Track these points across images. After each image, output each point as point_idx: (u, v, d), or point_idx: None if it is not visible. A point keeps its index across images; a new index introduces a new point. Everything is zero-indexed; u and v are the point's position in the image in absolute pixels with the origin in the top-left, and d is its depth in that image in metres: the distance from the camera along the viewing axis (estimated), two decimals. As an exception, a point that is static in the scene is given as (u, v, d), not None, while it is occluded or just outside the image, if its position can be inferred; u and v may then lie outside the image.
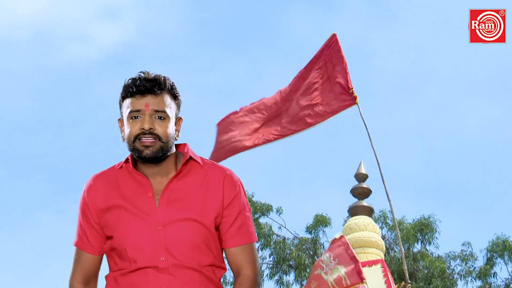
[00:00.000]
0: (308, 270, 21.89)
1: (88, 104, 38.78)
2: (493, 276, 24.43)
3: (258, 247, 24.94)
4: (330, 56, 11.24)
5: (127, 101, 3.28)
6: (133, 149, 3.24)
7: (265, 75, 36.92)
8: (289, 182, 37.14)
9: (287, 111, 11.34)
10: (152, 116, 3.22)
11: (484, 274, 24.25)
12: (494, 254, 24.43)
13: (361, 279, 11.60)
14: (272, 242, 25.19)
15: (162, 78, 3.28)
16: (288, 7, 38.36)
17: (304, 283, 21.41)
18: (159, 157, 3.22)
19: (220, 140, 11.57)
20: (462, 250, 24.93)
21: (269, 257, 25.28)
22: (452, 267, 24.64)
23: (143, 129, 3.20)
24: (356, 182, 14.71)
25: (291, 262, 24.61)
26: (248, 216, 3.38)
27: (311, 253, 24.13)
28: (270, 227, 25.18)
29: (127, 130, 3.26)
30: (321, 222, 25.23)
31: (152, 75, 3.27)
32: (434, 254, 24.51)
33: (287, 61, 39.25)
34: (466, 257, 24.73)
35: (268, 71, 36.80)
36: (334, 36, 11.33)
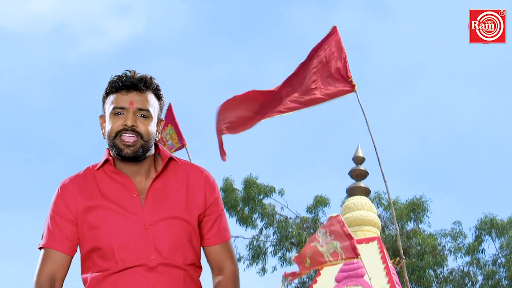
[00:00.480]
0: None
1: (100, 93, 38.64)
2: (481, 252, 24.45)
3: (262, 226, 25.06)
4: (330, 46, 11.26)
5: (111, 97, 3.10)
6: (113, 145, 3.06)
7: (268, 67, 36.86)
8: (291, 165, 37.09)
9: (292, 91, 11.35)
10: (136, 114, 3.05)
11: (473, 250, 24.26)
12: (482, 232, 24.42)
13: (356, 255, 11.65)
14: (275, 222, 25.03)
15: (149, 77, 3.13)
16: (289, 3, 38.28)
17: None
18: (138, 156, 3.05)
19: (227, 116, 11.48)
20: (452, 228, 24.91)
21: (273, 235, 25.14)
22: (443, 244, 24.66)
23: (125, 125, 3.02)
24: (354, 165, 14.78)
25: (293, 240, 24.54)
26: (224, 215, 3.27)
27: (312, 231, 23.94)
28: (273, 207, 25.02)
29: (108, 126, 3.08)
30: (320, 202, 25.15)
31: (139, 74, 3.12)
32: (426, 232, 24.50)
33: (288, 54, 39.15)
34: (456, 234, 24.73)
35: (270, 63, 36.76)
36: (334, 28, 11.33)
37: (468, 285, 24.52)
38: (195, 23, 39.16)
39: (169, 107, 12.24)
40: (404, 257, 12.97)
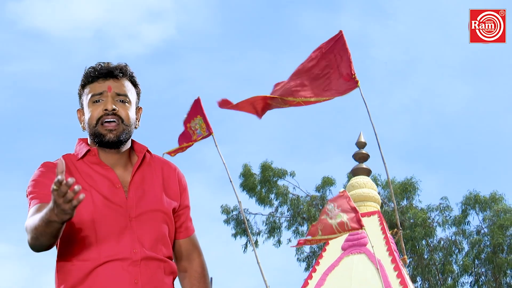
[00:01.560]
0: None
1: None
2: (467, 224, 24.49)
3: (278, 204, 25.08)
4: (337, 48, 11.27)
5: (88, 88, 2.75)
6: (95, 133, 2.69)
7: (282, 63, 36.93)
8: (301, 150, 37.17)
9: (302, 86, 11.35)
10: (115, 99, 2.70)
11: (459, 222, 24.33)
12: (468, 206, 24.44)
13: (360, 226, 11.64)
14: (288, 200, 25.03)
15: (123, 65, 2.79)
16: (300, 8, 38.31)
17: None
18: (121, 141, 2.70)
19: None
20: (440, 203, 24.95)
21: (287, 212, 25.16)
22: (432, 217, 24.76)
23: (106, 110, 2.67)
24: (357, 149, 14.71)
25: (304, 216, 24.53)
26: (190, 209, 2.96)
27: (320, 207, 23.91)
28: (287, 188, 25.03)
29: (88, 115, 2.71)
30: (327, 182, 25.21)
31: (112, 64, 2.78)
32: (418, 208, 24.59)
33: (299, 52, 39.63)
34: (443, 208, 24.74)
35: (284, 59, 36.82)
36: (340, 32, 11.29)
37: (455, 252, 24.55)
38: (218, 26, 39.22)
39: (198, 100, 12.18)
40: (400, 228, 13.02)
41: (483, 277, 24.21)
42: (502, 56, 36.68)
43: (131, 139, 2.82)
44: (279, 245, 25.25)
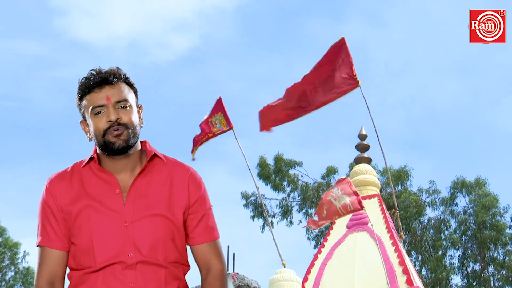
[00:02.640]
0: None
1: (168, 92, 38.99)
2: (455, 205, 24.50)
3: (289, 190, 25.25)
4: (340, 53, 11.26)
5: (87, 99, 2.42)
6: (104, 143, 2.38)
7: (294, 66, 37.08)
8: (310, 142, 37.21)
9: (313, 91, 11.40)
10: (116, 107, 2.39)
11: (447, 203, 24.35)
12: (456, 190, 24.42)
13: (361, 207, 11.62)
14: (298, 187, 25.29)
15: (115, 69, 2.45)
16: (309, 18, 38.39)
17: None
18: (130, 145, 2.39)
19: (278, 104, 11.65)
20: (429, 186, 24.95)
21: (298, 196, 25.40)
22: (423, 199, 24.78)
23: (110, 121, 2.36)
24: (359, 140, 14.68)
25: (313, 200, 24.64)
26: (212, 214, 2.53)
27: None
28: (297, 176, 25.30)
29: (93, 127, 2.40)
30: (331, 171, 25.39)
31: (104, 70, 2.44)
32: (411, 191, 24.63)
33: (309, 56, 39.71)
34: (432, 191, 24.78)
35: (296, 63, 37.03)
36: (343, 39, 11.30)
37: (445, 230, 24.55)
38: (237, 34, 39.31)
39: (220, 99, 12.18)
40: (397, 209, 12.99)
41: (469, 251, 24.15)
42: (485, 55, 36.61)
43: (142, 142, 2.52)
44: (291, 225, 25.48)
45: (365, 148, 14.61)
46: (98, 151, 2.47)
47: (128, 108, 2.41)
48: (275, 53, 39.26)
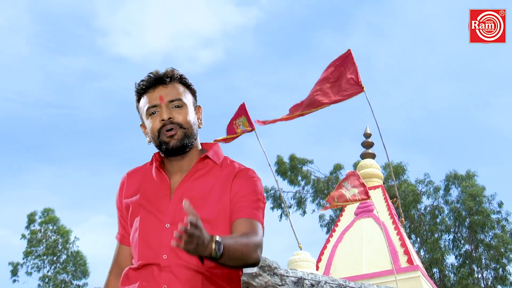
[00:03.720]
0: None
1: (198, 99, 39.32)
2: (449, 195, 24.43)
3: (303, 184, 25.39)
4: (347, 63, 11.25)
5: (142, 101, 2.13)
6: (160, 143, 2.08)
7: (307, 75, 37.22)
8: (320, 141, 37.23)
9: (322, 94, 11.38)
10: (169, 107, 2.07)
11: (440, 192, 24.44)
12: (449, 182, 24.35)
13: (368, 197, 11.64)
14: (311, 181, 25.37)
15: (170, 69, 2.14)
16: (320, 32, 38.49)
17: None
18: (185, 145, 2.07)
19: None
20: (424, 178, 24.91)
21: (311, 189, 25.50)
22: (420, 190, 24.72)
23: (163, 120, 2.06)
24: (364, 138, 14.73)
25: (324, 192, 24.66)
26: (260, 205, 2.09)
27: (334, 185, 24.43)
28: (310, 172, 25.43)
29: (149, 127, 2.11)
30: (338, 167, 25.40)
31: (161, 71, 2.14)
32: (409, 182, 24.62)
33: (320, 65, 39.75)
34: (427, 182, 24.76)
35: (309, 72, 37.18)
36: (349, 50, 11.30)
37: (440, 216, 24.50)
38: (257, 48, 39.39)
39: (243, 104, 12.22)
40: (398, 197, 12.97)
41: (460, 234, 24.07)
42: (477, 61, 36.43)
43: (208, 144, 2.20)
44: (304, 214, 25.44)
45: (370, 145, 14.59)
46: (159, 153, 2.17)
47: (182, 107, 2.09)
48: (290, 63, 39.36)
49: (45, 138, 37.48)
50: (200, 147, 2.17)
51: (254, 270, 8.92)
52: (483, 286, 22.99)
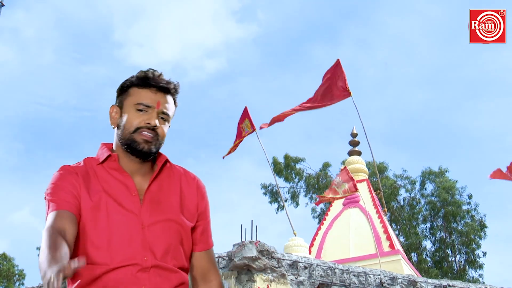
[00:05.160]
0: (322, 189, 22.40)
1: (203, 103, 39.13)
2: (425, 189, 24.39)
3: (297, 180, 25.35)
4: (336, 71, 11.18)
5: (137, 91, 1.84)
6: (129, 139, 1.80)
7: (302, 82, 37.15)
8: (311, 141, 37.15)
9: (316, 98, 11.35)
10: (159, 115, 1.83)
11: (416, 185, 24.35)
12: (425, 177, 24.31)
13: (356, 189, 11.54)
14: (303, 177, 25.28)
15: (177, 83, 1.90)
16: (312, 44, 38.59)
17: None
18: (151, 154, 1.83)
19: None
20: (402, 173, 24.93)
21: (304, 184, 25.45)
22: (399, 184, 24.61)
23: (148, 123, 1.80)
24: (351, 138, 14.70)
25: (315, 186, 24.71)
26: (210, 222, 1.97)
27: (324, 181, 24.46)
28: (303, 170, 25.40)
29: (128, 119, 1.81)
30: (326, 165, 25.34)
31: (165, 77, 1.88)
32: (390, 177, 24.60)
33: (314, 74, 39.78)
34: (404, 177, 24.73)
35: (304, 79, 37.16)
36: (338, 60, 11.24)
37: (416, 206, 24.44)
38: (257, 58, 39.46)
39: (246, 108, 12.19)
40: (381, 189, 12.84)
41: (435, 223, 24.02)
42: (450, 69, 36.41)
43: None
44: (297, 206, 25.42)
45: (356, 143, 14.50)
46: (114, 147, 1.87)
47: (166, 122, 1.86)
48: (287, 71, 39.34)
49: (70, 137, 37.68)
50: None
51: (254, 254, 8.76)
52: (455, 268, 22.91)
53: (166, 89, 1.85)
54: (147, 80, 1.84)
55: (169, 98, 1.86)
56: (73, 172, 1.80)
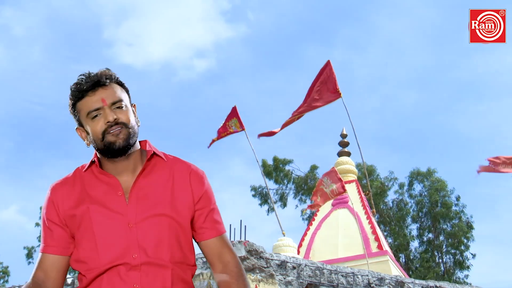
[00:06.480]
0: (311, 190, 22.44)
1: (193, 103, 39.01)
2: (413, 189, 24.47)
3: (286, 182, 25.39)
4: (327, 72, 11.19)
5: (80, 105, 1.80)
6: (104, 146, 1.78)
7: (294, 82, 37.10)
8: (301, 142, 37.16)
9: (308, 102, 11.38)
10: (112, 109, 1.78)
11: (403, 187, 24.42)
12: (413, 178, 24.40)
13: (344, 190, 11.54)
14: (292, 179, 25.37)
15: (106, 70, 1.84)
16: (305, 44, 38.47)
17: (308, 199, 21.74)
18: (130, 145, 1.78)
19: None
20: (389, 175, 25.05)
21: (292, 185, 25.51)
22: (386, 184, 24.71)
23: (108, 122, 1.76)
24: (341, 138, 14.71)
25: (304, 187, 24.77)
26: (217, 209, 1.91)
27: (312, 182, 24.54)
28: (291, 172, 25.46)
29: (92, 131, 1.79)
30: (314, 167, 25.43)
31: (93, 72, 1.83)
32: (379, 178, 24.69)
33: (305, 74, 39.72)
34: (392, 178, 24.83)
35: (295, 79, 37.08)
36: (328, 61, 11.26)
37: (404, 207, 24.54)
38: (246, 58, 39.23)
39: (234, 108, 12.17)
40: (370, 190, 12.85)
41: (424, 224, 24.13)
42: (439, 71, 36.56)
43: (142, 141, 1.91)
44: (284, 207, 25.47)
45: (346, 144, 14.50)
46: (98, 155, 1.85)
47: (124, 108, 1.80)
48: (278, 71, 39.25)
49: (61, 136, 37.48)
50: (138, 145, 1.87)
51: (242, 253, 8.73)
52: (442, 269, 23.03)
53: (99, 82, 1.79)
54: (80, 89, 1.80)
55: (110, 87, 1.80)
56: (57, 195, 1.83)
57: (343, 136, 14.55)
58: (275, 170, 24.98)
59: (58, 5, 36.74)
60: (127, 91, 1.86)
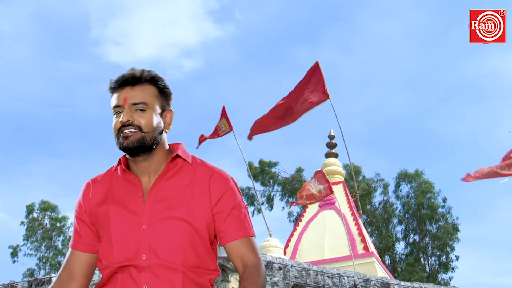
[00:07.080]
0: (297, 192, 22.54)
1: (182, 103, 39.01)
2: (400, 191, 24.59)
3: (272, 184, 25.44)
4: (315, 74, 11.17)
5: (111, 98, 1.84)
6: (117, 143, 1.81)
7: (282, 82, 37.13)
8: (290, 142, 37.22)
9: (295, 105, 11.33)
10: (132, 109, 1.78)
11: (389, 189, 24.60)
12: (400, 179, 24.49)
13: (331, 192, 11.55)
14: (278, 180, 25.46)
15: (141, 71, 1.84)
16: (293, 44, 38.64)
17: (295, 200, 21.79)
18: (138, 147, 1.78)
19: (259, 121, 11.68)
20: (375, 176, 25.19)
21: (278, 187, 25.57)
22: (373, 186, 24.79)
23: (121, 122, 1.77)
24: (328, 140, 14.75)
25: (289, 187, 24.87)
26: (244, 213, 1.85)
27: (299, 183, 24.62)
28: (277, 173, 25.54)
29: (112, 126, 1.83)
30: (300, 170, 25.58)
31: (135, 70, 1.84)
32: (366, 179, 24.77)
33: (293, 74, 39.89)
34: (377, 180, 24.98)
35: (284, 79, 37.16)
36: (317, 62, 11.24)
37: (390, 209, 24.63)
38: (234, 58, 39.31)
39: (223, 108, 12.18)
40: (357, 191, 12.88)
41: (410, 225, 24.21)
42: (426, 74, 36.79)
43: (175, 144, 1.91)
44: (271, 209, 25.59)
45: (333, 145, 14.53)
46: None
47: (145, 111, 1.78)
48: (267, 71, 39.31)
49: (48, 133, 37.25)
50: (167, 147, 1.87)
51: (225, 254, 8.72)
52: (427, 271, 23.14)
53: (129, 81, 1.80)
54: (112, 84, 1.82)
55: (139, 87, 1.80)
56: (86, 193, 1.88)
57: (331, 137, 14.57)
58: (261, 173, 25.14)
59: (45, 2, 36.52)
60: (165, 95, 1.84)
